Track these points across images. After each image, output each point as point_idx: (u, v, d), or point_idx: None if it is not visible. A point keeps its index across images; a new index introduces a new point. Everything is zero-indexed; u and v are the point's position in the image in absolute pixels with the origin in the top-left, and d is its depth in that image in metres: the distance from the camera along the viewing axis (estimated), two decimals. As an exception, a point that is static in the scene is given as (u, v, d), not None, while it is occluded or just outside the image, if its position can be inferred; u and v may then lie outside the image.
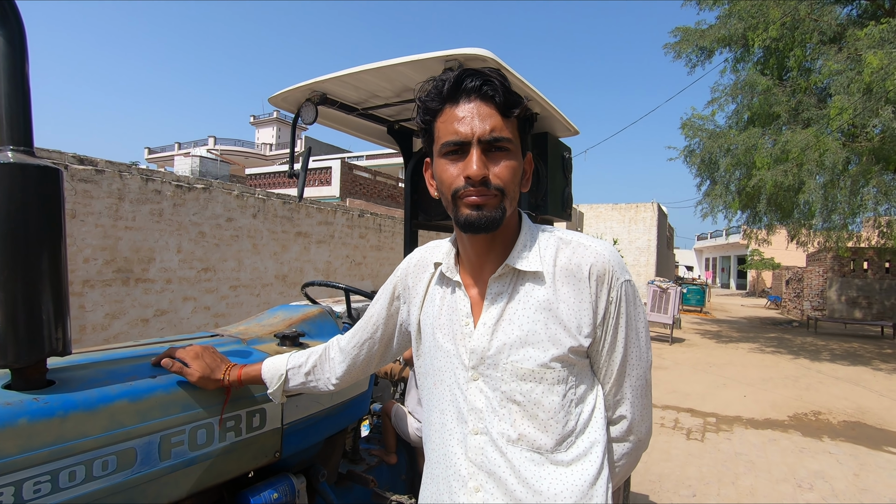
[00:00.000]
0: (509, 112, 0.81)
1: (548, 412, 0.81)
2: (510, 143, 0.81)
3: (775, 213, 10.82)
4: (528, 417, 0.81)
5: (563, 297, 0.83)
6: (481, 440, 0.83)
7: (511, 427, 0.82)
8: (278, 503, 1.31)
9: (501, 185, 0.80)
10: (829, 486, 3.66)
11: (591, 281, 0.83)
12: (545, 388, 0.81)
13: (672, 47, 11.09)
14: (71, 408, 0.93)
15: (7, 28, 0.91)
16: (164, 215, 4.94)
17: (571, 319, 0.82)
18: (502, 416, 0.82)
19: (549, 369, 0.81)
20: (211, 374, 1.12)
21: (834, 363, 8.85)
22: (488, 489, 0.81)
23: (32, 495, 0.86)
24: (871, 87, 7.35)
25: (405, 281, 1.03)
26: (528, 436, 0.81)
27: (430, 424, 0.92)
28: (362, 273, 8.67)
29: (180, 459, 1.08)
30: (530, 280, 0.85)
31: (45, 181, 0.92)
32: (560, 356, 0.82)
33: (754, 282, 34.09)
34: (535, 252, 0.86)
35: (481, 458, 0.83)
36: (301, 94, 2.29)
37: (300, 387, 1.16)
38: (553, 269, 0.85)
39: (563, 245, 0.87)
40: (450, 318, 0.90)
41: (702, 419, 5.29)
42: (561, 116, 2.50)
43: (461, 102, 0.81)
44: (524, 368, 0.81)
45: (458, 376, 0.87)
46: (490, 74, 0.80)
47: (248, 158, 42.17)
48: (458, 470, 0.84)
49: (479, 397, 0.84)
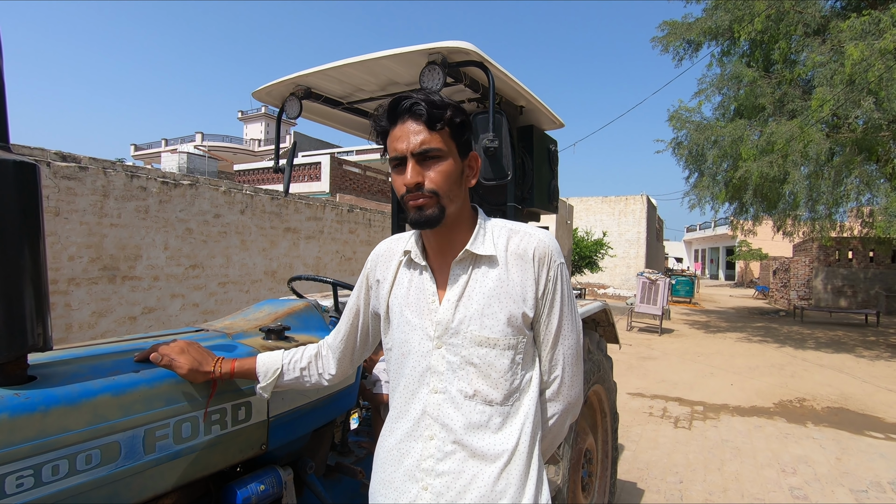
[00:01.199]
0: (434, 125, 0.96)
1: (499, 372, 0.98)
2: (439, 151, 0.96)
3: (761, 203, 10.96)
4: (482, 377, 0.98)
5: (513, 276, 1.00)
6: (440, 398, 0.99)
7: (468, 385, 0.98)
8: (265, 495, 1.32)
9: (434, 187, 0.96)
10: (812, 469, 3.75)
11: (535, 262, 1.00)
12: (498, 353, 0.98)
13: (659, 41, 11.14)
14: (53, 403, 0.93)
15: (-21, 22, 0.90)
16: (150, 212, 4.89)
17: (519, 294, 0.99)
18: (461, 377, 0.98)
19: (503, 336, 0.98)
20: (199, 367, 1.14)
21: (819, 351, 9.02)
22: (440, 437, 0.97)
23: (15, 489, 0.86)
24: (853, 78, 7.45)
25: (375, 269, 1.14)
26: (482, 392, 0.98)
27: (395, 389, 1.06)
28: (352, 268, 8.65)
29: (165, 453, 1.09)
30: (486, 263, 1.01)
31: (22, 177, 0.92)
32: (511, 324, 0.98)
33: (742, 272, 34.51)
34: (489, 240, 1.03)
35: (437, 412, 0.98)
36: (285, 89, 2.28)
37: (293, 382, 1.21)
38: (505, 253, 1.02)
39: (512, 234, 1.04)
40: (417, 297, 1.04)
41: (689, 408, 5.37)
42: (546, 109, 2.51)
43: (398, 123, 0.97)
44: (481, 336, 0.97)
45: (424, 346, 1.01)
46: (417, 98, 0.96)
47: (237, 154, 41.77)
48: (417, 423, 0.99)
49: (441, 362, 0.99)
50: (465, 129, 1.00)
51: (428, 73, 1.87)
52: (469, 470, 0.95)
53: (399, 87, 2.32)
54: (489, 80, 1.85)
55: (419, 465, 0.97)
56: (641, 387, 6.24)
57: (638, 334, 10.71)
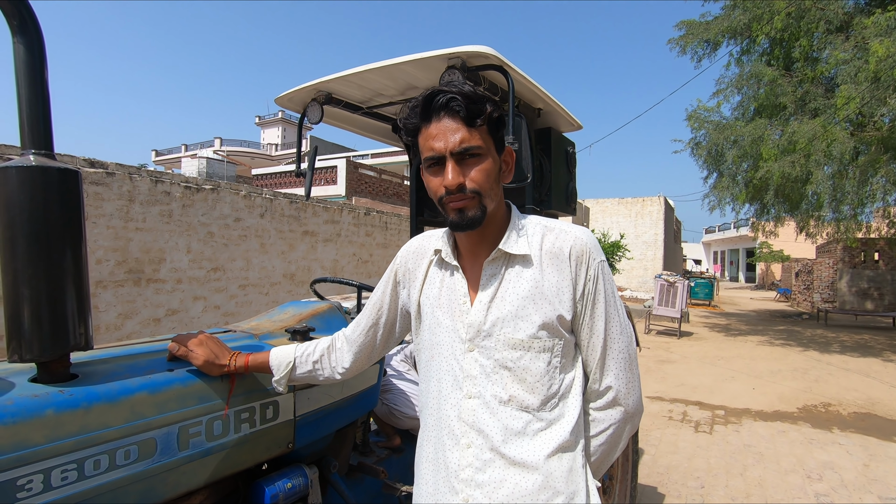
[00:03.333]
0: (474, 122, 0.91)
1: (534, 376, 0.93)
2: (480, 149, 0.92)
3: (783, 204, 10.74)
4: (517, 381, 0.93)
5: (547, 276, 0.95)
6: (474, 403, 0.94)
7: (503, 390, 0.93)
8: (292, 493, 1.35)
9: (477, 187, 0.92)
10: (839, 476, 3.66)
11: (571, 261, 0.95)
12: (532, 356, 0.93)
13: (677, 42, 11.01)
14: (94, 400, 0.97)
15: (26, 36, 0.94)
16: (173, 216, 5.01)
17: (555, 295, 0.94)
18: (495, 381, 0.94)
19: (537, 339, 0.93)
20: (215, 359, 1.15)
21: (844, 355, 8.79)
22: (478, 444, 0.93)
23: (60, 482, 0.90)
24: (879, 75, 7.27)
25: (405, 266, 1.12)
26: (518, 397, 0.93)
27: (427, 393, 1.03)
28: (369, 271, 8.72)
29: (198, 449, 1.12)
30: (519, 263, 0.97)
31: (66, 183, 0.96)
32: (546, 327, 0.93)
33: (763, 274, 33.82)
34: (523, 238, 0.98)
35: (473, 419, 0.94)
36: (307, 95, 2.32)
37: (307, 375, 1.19)
38: (539, 252, 0.97)
39: (547, 231, 0.99)
40: (449, 297, 1.01)
41: (710, 412, 5.29)
42: (564, 111, 2.52)
43: (433, 120, 0.92)
44: (515, 339, 0.93)
45: (455, 348, 0.98)
46: (453, 91, 0.90)
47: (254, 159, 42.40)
48: (452, 429, 0.95)
49: (473, 366, 0.95)
50: (502, 125, 0.96)
51: (447, 78, 1.90)
52: (511, 479, 0.90)
53: (418, 92, 2.34)
54: (509, 84, 1.87)
55: (458, 475, 0.93)
56: (660, 390, 6.16)
57: (656, 337, 10.58)
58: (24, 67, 0.94)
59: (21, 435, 0.86)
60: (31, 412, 0.89)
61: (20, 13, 0.94)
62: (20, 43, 0.94)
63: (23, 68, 0.95)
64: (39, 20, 0.97)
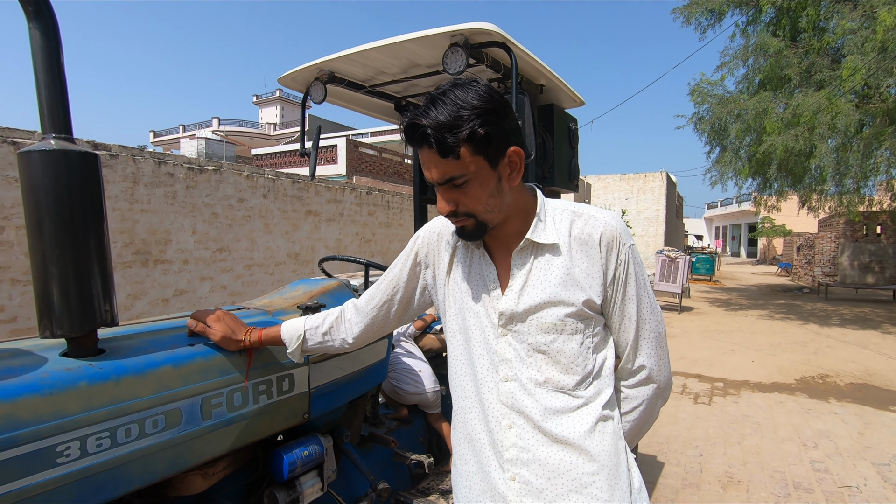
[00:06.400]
0: (448, 154, 0.86)
1: (569, 357, 0.96)
2: (463, 176, 0.89)
3: (786, 178, 10.69)
4: (552, 363, 0.96)
5: (577, 262, 0.96)
6: (512, 386, 0.97)
7: (538, 372, 0.96)
8: (308, 460, 1.42)
9: (468, 210, 0.93)
10: (834, 444, 3.77)
11: (602, 247, 0.96)
12: (566, 338, 0.95)
13: (681, 12, 10.78)
14: (123, 373, 1.03)
15: (42, 22, 0.96)
16: (177, 197, 5.03)
17: (585, 280, 0.96)
18: (530, 364, 0.96)
19: (568, 321, 0.95)
20: (232, 334, 1.20)
21: (843, 328, 8.89)
22: (520, 425, 0.96)
23: (95, 449, 0.96)
24: (886, 45, 7.16)
25: (427, 247, 1.13)
26: (553, 378, 0.96)
27: (460, 375, 1.05)
28: (372, 250, 8.77)
29: (220, 419, 1.18)
30: (548, 251, 0.97)
31: (86, 165, 0.99)
32: (577, 311, 0.95)
33: (765, 249, 33.83)
34: (550, 226, 0.98)
35: (512, 401, 0.96)
36: (310, 74, 2.33)
37: (317, 346, 1.23)
38: (568, 238, 0.98)
39: (576, 217, 0.99)
40: (478, 284, 1.02)
41: (709, 384, 5.40)
42: (566, 87, 2.52)
43: (419, 150, 0.90)
44: (547, 323, 0.95)
45: (487, 333, 1.00)
46: (426, 123, 0.86)
47: (253, 139, 42.08)
48: (493, 411, 0.98)
49: (508, 350, 0.98)
50: (492, 138, 0.87)
51: (451, 56, 1.90)
52: (554, 456, 0.93)
53: (421, 70, 2.34)
54: (512, 61, 1.87)
55: (503, 455, 0.96)
56: (661, 364, 6.26)
57: (657, 312, 10.66)
58: (41, 53, 0.96)
59: (58, 405, 0.92)
60: (66, 384, 0.94)
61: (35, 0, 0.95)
62: (36, 28, 0.96)
63: (40, 54, 0.96)
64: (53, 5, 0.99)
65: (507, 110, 0.91)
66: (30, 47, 0.97)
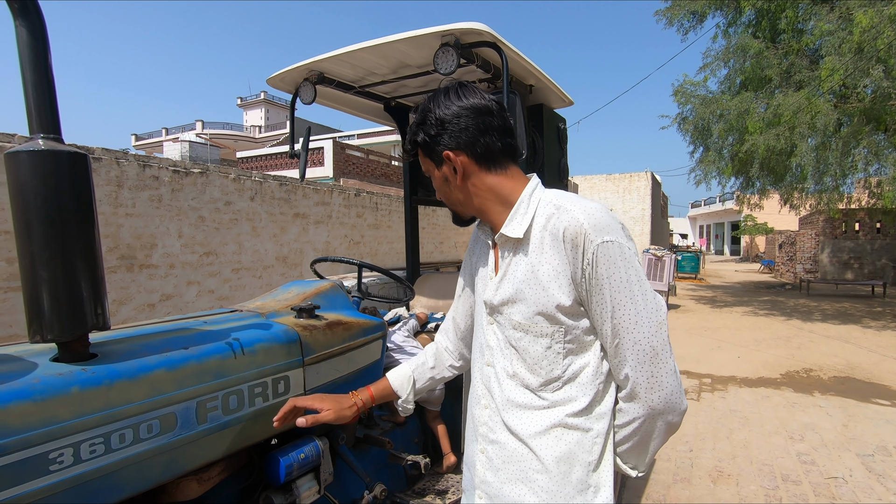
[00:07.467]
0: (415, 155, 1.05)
1: (533, 358, 0.95)
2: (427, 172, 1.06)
3: (768, 177, 10.89)
4: (520, 360, 0.96)
5: (546, 260, 0.91)
6: (489, 371, 1.03)
7: (510, 365, 0.98)
8: (305, 463, 1.40)
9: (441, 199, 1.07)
10: (819, 436, 3.84)
11: (566, 244, 0.89)
12: (531, 339, 0.94)
13: (664, 13, 10.94)
14: (116, 377, 1.01)
15: (28, 20, 0.94)
16: (163, 201, 4.95)
17: (552, 280, 0.90)
18: (505, 355, 0.99)
19: (533, 323, 0.93)
20: (342, 405, 1.16)
21: (825, 323, 9.07)
22: (492, 407, 1.02)
23: (89, 455, 0.94)
24: (862, 46, 7.34)
25: (471, 243, 1.22)
26: (520, 374, 0.97)
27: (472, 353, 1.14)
28: (361, 252, 8.73)
29: (216, 423, 1.17)
30: (520, 245, 0.96)
31: (76, 166, 0.97)
32: (542, 313, 0.92)
33: (748, 247, 34.41)
34: (526, 220, 0.95)
35: (488, 384, 1.03)
36: (299, 74, 2.31)
37: (428, 383, 1.25)
38: (543, 232, 0.92)
39: (555, 210, 0.92)
40: (482, 271, 1.09)
41: (697, 380, 5.47)
42: (556, 87, 2.54)
43: None
44: (515, 320, 0.96)
45: (482, 318, 1.06)
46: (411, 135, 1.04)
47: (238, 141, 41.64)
48: (476, 390, 1.07)
49: (492, 337, 1.03)
50: (432, 143, 0.98)
51: (442, 56, 1.90)
52: (510, 443, 0.96)
53: (411, 70, 2.35)
54: (502, 61, 1.88)
55: (478, 429, 1.04)
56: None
57: (644, 311, 10.76)
58: (28, 51, 0.94)
59: (50, 411, 0.90)
60: (57, 390, 0.92)
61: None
62: (22, 26, 0.94)
63: (26, 52, 0.94)
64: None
65: (447, 119, 0.96)
66: (16, 46, 0.95)
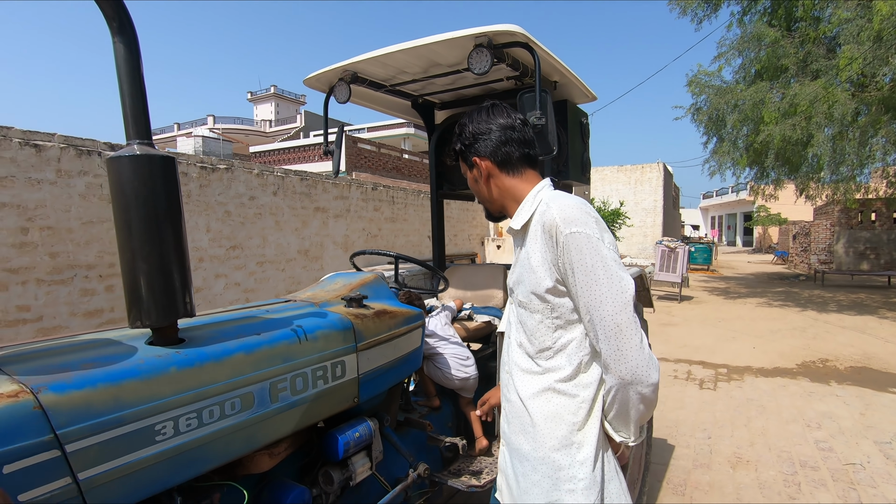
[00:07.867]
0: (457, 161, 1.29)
1: (530, 330, 1.16)
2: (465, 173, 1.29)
3: (783, 167, 10.81)
4: (523, 332, 1.18)
5: (537, 248, 1.12)
6: (509, 342, 1.26)
7: (518, 335, 1.21)
8: (360, 442, 1.51)
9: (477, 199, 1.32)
10: (837, 424, 3.90)
11: (546, 235, 1.09)
12: (528, 314, 1.16)
13: (677, 2, 10.84)
14: (204, 359, 1.12)
15: (125, 36, 1.04)
16: (192, 196, 5.09)
17: (540, 265, 1.11)
18: (516, 328, 1.22)
19: (529, 301, 1.14)
20: None
21: (841, 313, 9.04)
22: (510, 373, 1.24)
23: (186, 428, 1.05)
24: (882, 34, 7.26)
25: None
26: (524, 344, 1.19)
27: None
28: (378, 245, 8.85)
29: (286, 402, 1.28)
30: (524, 236, 1.18)
31: (167, 168, 1.07)
32: (534, 293, 1.13)
33: (761, 238, 34.08)
34: (525, 214, 1.17)
35: (509, 352, 1.26)
36: (334, 75, 2.40)
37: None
38: (536, 227, 1.13)
39: (545, 207, 1.12)
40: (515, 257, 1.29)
41: (713, 370, 5.52)
42: (580, 83, 2.60)
43: None
44: (519, 299, 1.18)
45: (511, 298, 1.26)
46: None
47: (249, 136, 41.90)
48: (504, 359, 1.30)
49: (513, 314, 1.24)
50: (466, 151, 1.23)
51: (476, 56, 1.98)
52: (516, 402, 1.19)
53: (441, 69, 2.42)
54: (535, 61, 1.96)
55: (502, 389, 1.29)
56: (664, 352, 6.39)
57: (658, 302, 10.80)
58: (125, 65, 1.04)
59: (154, 389, 1.01)
60: (159, 369, 1.03)
61: (119, 15, 1.03)
62: (120, 42, 1.04)
63: (123, 66, 1.04)
64: (133, 20, 1.06)
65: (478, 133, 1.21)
66: (114, 60, 1.05)
